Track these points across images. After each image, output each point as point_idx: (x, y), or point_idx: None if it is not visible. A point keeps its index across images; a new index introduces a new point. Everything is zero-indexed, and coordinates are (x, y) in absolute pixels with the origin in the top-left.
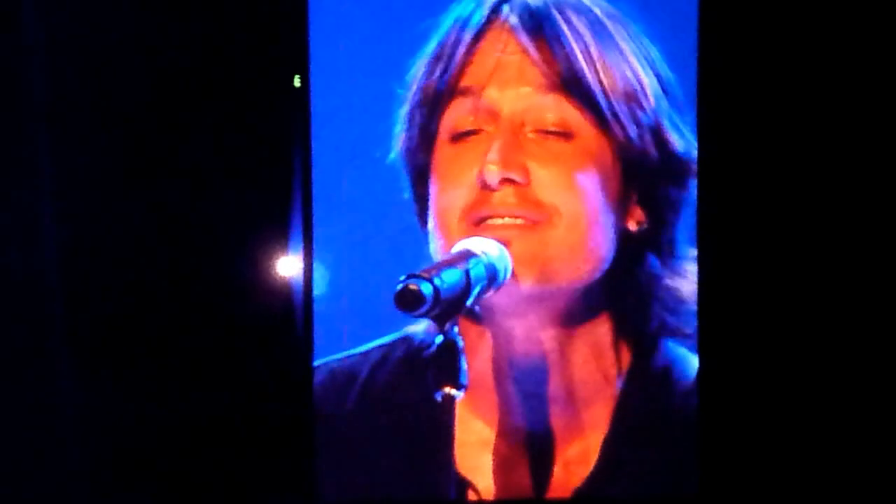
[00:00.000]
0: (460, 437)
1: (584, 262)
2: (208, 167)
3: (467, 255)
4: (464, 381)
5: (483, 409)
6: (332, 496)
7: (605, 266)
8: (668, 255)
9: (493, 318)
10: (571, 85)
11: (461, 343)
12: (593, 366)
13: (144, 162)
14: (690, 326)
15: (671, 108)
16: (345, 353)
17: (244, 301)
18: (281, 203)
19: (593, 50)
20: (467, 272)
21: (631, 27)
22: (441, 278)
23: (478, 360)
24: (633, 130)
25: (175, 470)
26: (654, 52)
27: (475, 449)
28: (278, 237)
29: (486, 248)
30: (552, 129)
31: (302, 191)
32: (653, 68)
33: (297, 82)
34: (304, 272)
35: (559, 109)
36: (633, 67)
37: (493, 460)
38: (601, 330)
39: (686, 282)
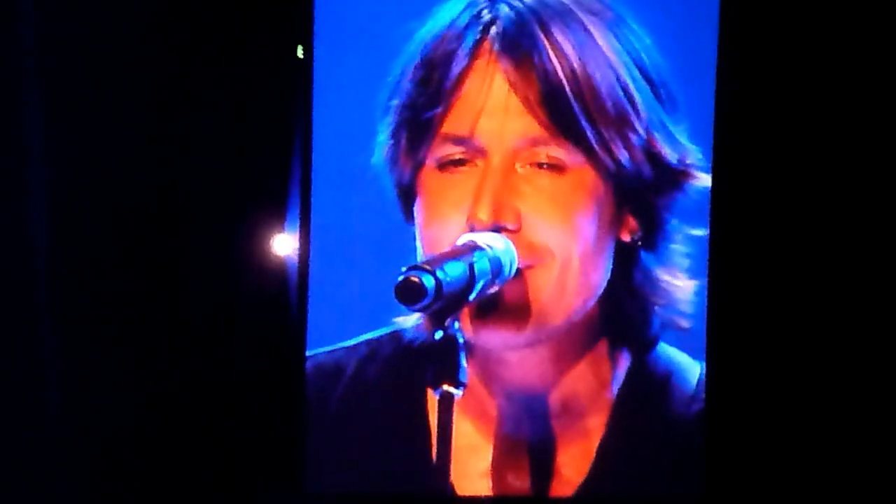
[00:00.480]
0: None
1: (577, 298)
2: (207, 139)
3: (472, 248)
4: (463, 378)
5: (473, 414)
6: (319, 488)
7: (601, 292)
8: (660, 248)
9: (486, 349)
10: (560, 119)
11: (462, 339)
12: (590, 377)
13: (140, 132)
14: (686, 320)
15: (664, 114)
16: (331, 347)
17: (238, 280)
18: (280, 178)
19: (580, 73)
20: (471, 266)
21: (621, 28)
22: (444, 271)
23: (469, 370)
24: (624, 156)
25: (160, 456)
26: (647, 54)
27: (463, 453)
28: (276, 214)
29: (490, 241)
30: (543, 164)
31: (301, 164)
32: (644, 74)
33: (300, 53)
34: (301, 251)
35: (549, 146)
36: (622, 81)
37: (481, 466)
38: (597, 339)
39: (679, 272)
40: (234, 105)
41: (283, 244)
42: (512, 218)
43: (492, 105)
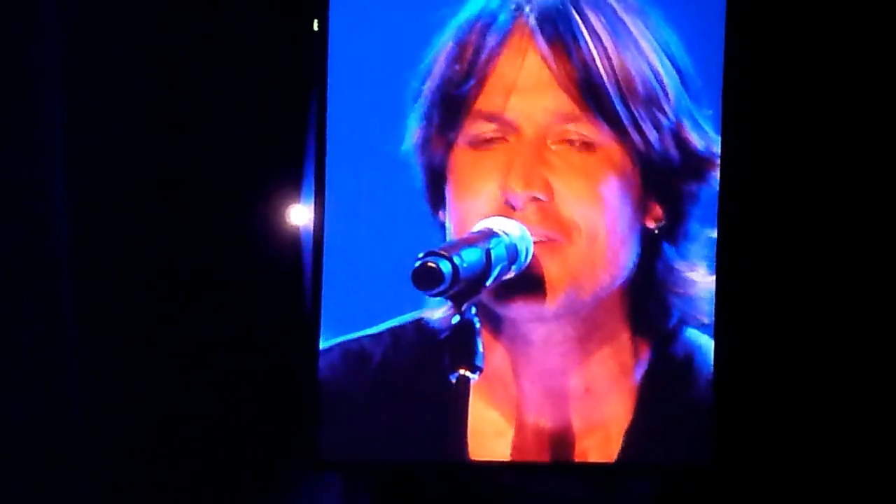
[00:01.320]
0: (475, 426)
1: (605, 273)
2: (222, 111)
3: (488, 235)
4: (479, 363)
5: (499, 402)
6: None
7: (627, 273)
8: (683, 242)
9: (514, 324)
10: (592, 96)
11: (478, 325)
12: (612, 361)
13: (155, 108)
14: (707, 315)
15: (691, 104)
16: (355, 334)
17: (254, 252)
18: (295, 150)
19: (613, 54)
20: (488, 252)
21: (650, 17)
22: (461, 257)
23: (494, 356)
24: (653, 136)
25: (176, 433)
26: (674, 43)
27: (490, 438)
28: (291, 189)
29: (507, 227)
30: (574, 141)
31: (316, 139)
32: (673, 62)
33: (315, 26)
34: (315, 226)
35: (581, 123)
36: (653, 67)
37: (508, 449)
38: (619, 325)
39: (701, 268)
40: (250, 79)
41: (298, 217)
42: (544, 189)
43: (525, 82)
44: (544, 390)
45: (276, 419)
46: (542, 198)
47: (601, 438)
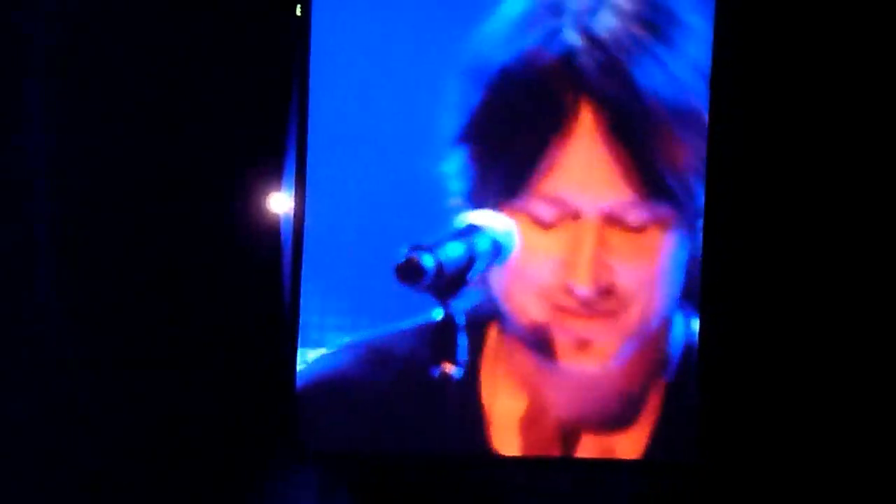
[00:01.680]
0: (499, 421)
1: (657, 320)
2: (204, 97)
3: (472, 230)
4: (462, 357)
5: (528, 396)
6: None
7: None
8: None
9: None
10: (651, 184)
11: (462, 319)
12: (646, 362)
13: (138, 97)
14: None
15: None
16: (379, 331)
17: (233, 238)
18: (276, 136)
19: (667, 130)
20: (472, 247)
21: (678, 34)
22: (445, 252)
23: (520, 356)
24: (703, 198)
25: (160, 419)
26: (703, 52)
27: (512, 431)
28: (272, 175)
29: (492, 222)
30: (633, 224)
31: (298, 123)
32: (706, 81)
33: (298, 11)
34: (296, 211)
35: (639, 208)
36: (698, 112)
37: (528, 442)
38: (655, 332)
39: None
40: (232, 65)
41: (280, 201)
42: (607, 276)
43: (586, 169)
44: (573, 391)
45: (271, 416)
46: (604, 285)
47: (634, 436)
